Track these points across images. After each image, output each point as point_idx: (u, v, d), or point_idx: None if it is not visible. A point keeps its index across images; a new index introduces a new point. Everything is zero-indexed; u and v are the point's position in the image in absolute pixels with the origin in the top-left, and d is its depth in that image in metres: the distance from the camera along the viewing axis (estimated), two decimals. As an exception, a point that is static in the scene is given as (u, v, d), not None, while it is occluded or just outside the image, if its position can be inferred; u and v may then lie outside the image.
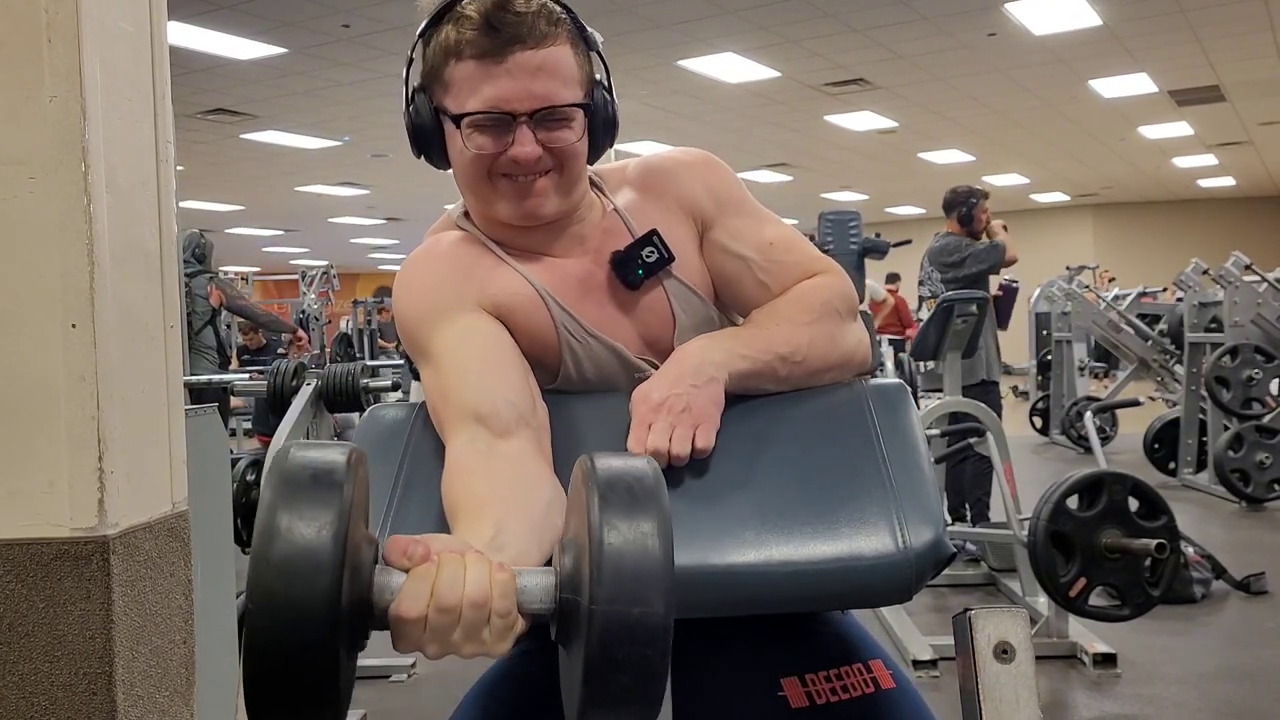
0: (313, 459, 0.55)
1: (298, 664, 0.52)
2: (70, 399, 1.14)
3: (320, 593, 0.51)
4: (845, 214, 4.82)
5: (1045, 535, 2.54)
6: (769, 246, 0.93)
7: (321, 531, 0.52)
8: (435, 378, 0.85)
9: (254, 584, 0.52)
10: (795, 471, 0.81)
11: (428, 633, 0.57)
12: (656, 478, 0.59)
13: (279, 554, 0.52)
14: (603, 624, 0.53)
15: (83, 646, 1.13)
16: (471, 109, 0.85)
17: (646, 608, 0.54)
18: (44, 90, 1.14)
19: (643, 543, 0.55)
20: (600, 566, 0.54)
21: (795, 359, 0.87)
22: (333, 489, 0.54)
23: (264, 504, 0.54)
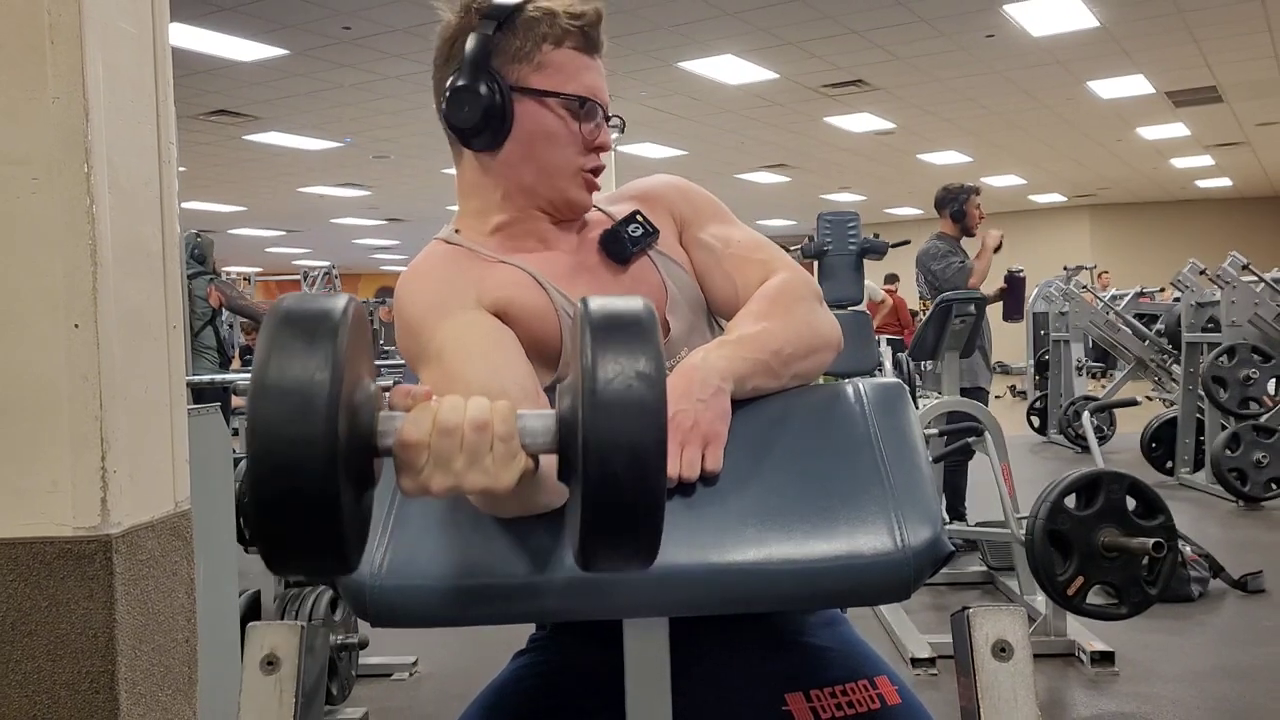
0: (307, 304, 0.56)
1: (299, 500, 0.52)
2: (73, 399, 1.14)
3: (315, 428, 0.52)
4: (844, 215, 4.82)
5: (1043, 534, 2.55)
6: (737, 244, 0.98)
7: (315, 369, 0.53)
8: (440, 369, 0.85)
9: (252, 425, 0.52)
10: (794, 471, 0.82)
11: (431, 459, 0.58)
12: (649, 315, 0.60)
13: (274, 393, 0.52)
14: (598, 456, 0.55)
15: (85, 645, 1.14)
16: (578, 92, 0.92)
17: (638, 438, 0.55)
18: (47, 91, 1.14)
19: (633, 378, 0.56)
20: (593, 401, 0.55)
21: (786, 352, 0.88)
22: (327, 329, 0.54)
23: (259, 348, 0.54)
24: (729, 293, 0.96)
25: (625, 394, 0.56)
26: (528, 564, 0.75)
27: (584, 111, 0.92)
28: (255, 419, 0.52)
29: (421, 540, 0.78)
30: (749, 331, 0.88)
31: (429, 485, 0.59)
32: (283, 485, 0.52)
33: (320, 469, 0.52)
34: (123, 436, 1.18)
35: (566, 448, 0.60)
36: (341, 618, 2.50)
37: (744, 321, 0.90)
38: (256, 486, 0.52)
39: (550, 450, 0.61)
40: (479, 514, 0.78)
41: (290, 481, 0.52)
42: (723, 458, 0.81)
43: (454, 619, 0.75)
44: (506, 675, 0.97)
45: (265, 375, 0.53)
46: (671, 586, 0.74)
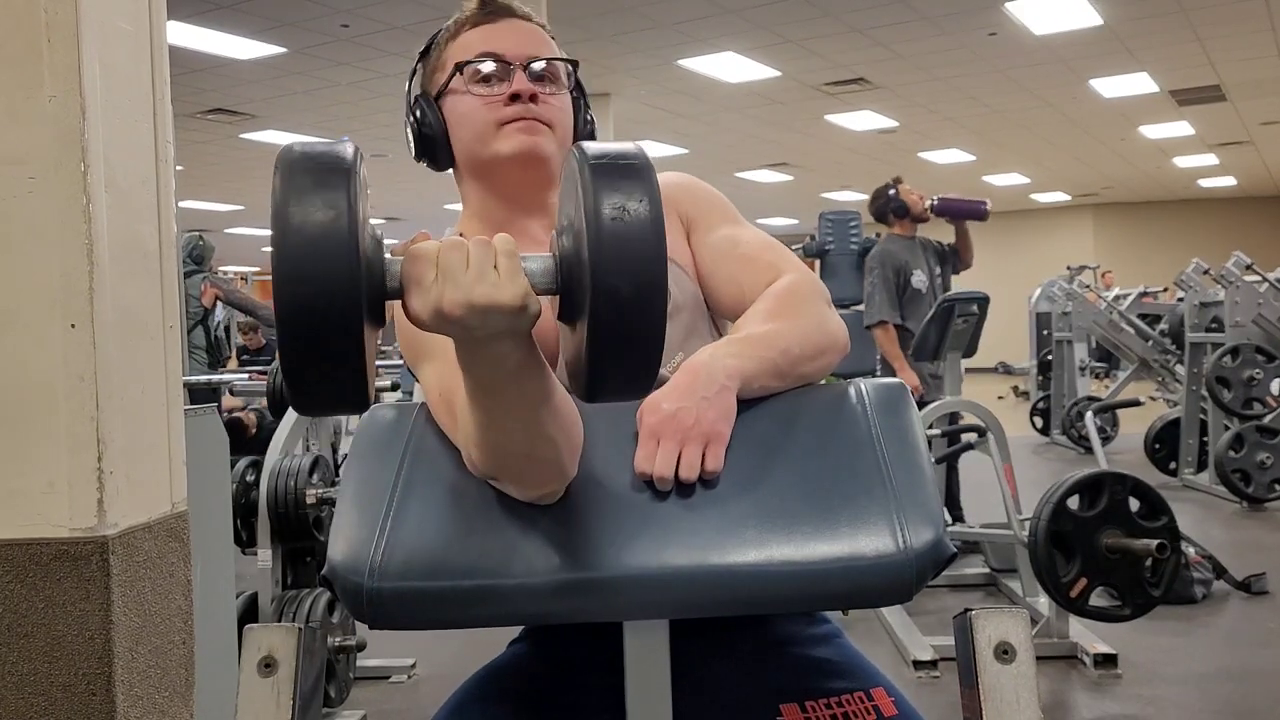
0: (318, 149, 0.59)
1: (327, 336, 0.55)
2: (69, 399, 1.14)
3: (341, 266, 0.55)
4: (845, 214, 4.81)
5: (1046, 535, 2.54)
6: (745, 244, 0.97)
7: (336, 210, 0.56)
8: (444, 360, 0.84)
9: (278, 267, 0.54)
10: (795, 471, 0.81)
11: (440, 274, 0.60)
12: (643, 158, 0.63)
13: (298, 235, 0.55)
14: (606, 285, 0.58)
15: (82, 647, 1.13)
16: (470, 56, 0.93)
17: (643, 267, 0.59)
18: (44, 90, 1.14)
19: (635, 214, 0.59)
20: (599, 238, 0.58)
21: (794, 352, 0.87)
22: (341, 171, 0.57)
23: (278, 194, 0.56)
24: (735, 294, 0.95)
25: (629, 226, 0.59)
26: (526, 566, 0.74)
27: (482, 73, 0.92)
28: (282, 261, 0.54)
29: (419, 542, 0.77)
30: (757, 331, 0.87)
31: (441, 300, 0.59)
32: (311, 322, 0.55)
33: (346, 306, 0.55)
34: (119, 437, 1.17)
35: (570, 284, 0.62)
36: (339, 620, 2.50)
37: (752, 321, 0.89)
38: (285, 326, 0.55)
39: (552, 290, 0.63)
40: (477, 515, 0.77)
41: (317, 318, 0.55)
42: (724, 458, 0.80)
43: (452, 621, 0.75)
44: (504, 659, 0.97)
45: (288, 219, 0.55)
46: (672, 588, 0.74)
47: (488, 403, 0.69)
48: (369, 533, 0.78)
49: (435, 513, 0.79)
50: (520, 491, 0.76)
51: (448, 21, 0.98)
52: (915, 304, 3.84)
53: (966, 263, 4.10)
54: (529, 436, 0.70)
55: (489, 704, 0.91)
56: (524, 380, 0.67)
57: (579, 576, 0.73)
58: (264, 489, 2.46)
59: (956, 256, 4.08)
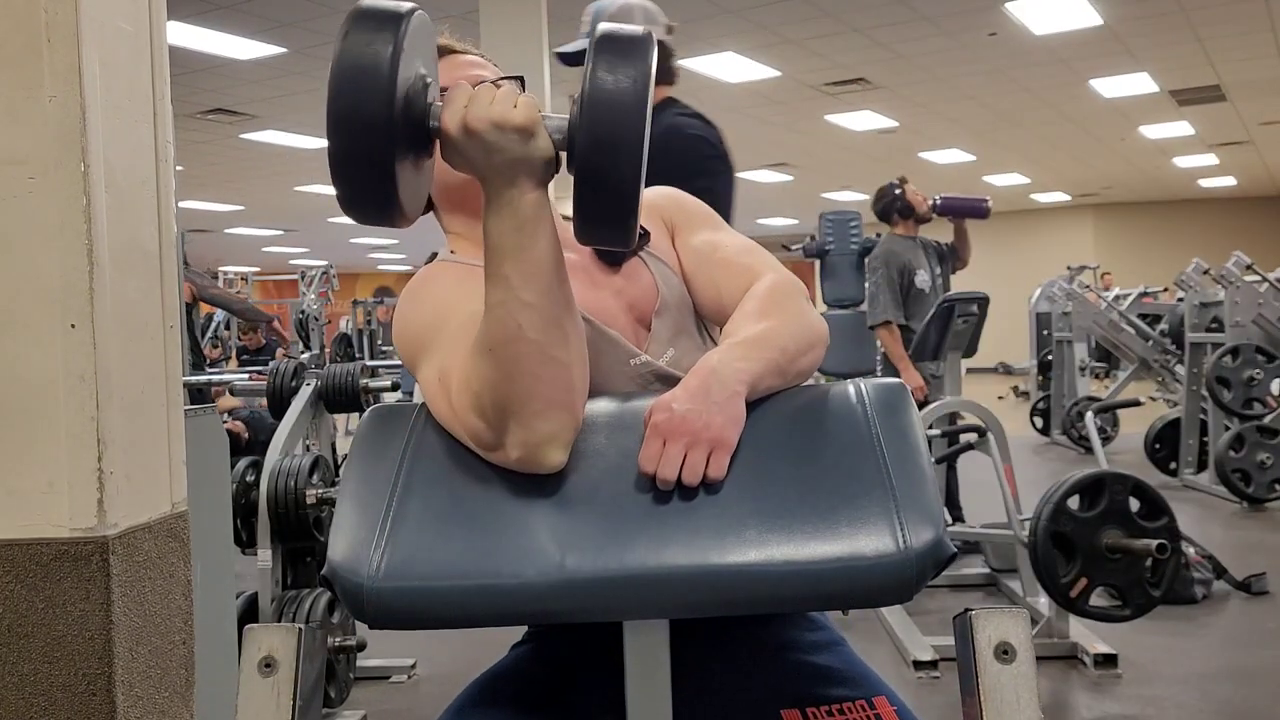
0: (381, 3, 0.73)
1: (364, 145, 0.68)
2: (69, 399, 1.13)
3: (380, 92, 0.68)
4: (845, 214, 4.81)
5: (1046, 535, 2.54)
6: (725, 248, 1.00)
7: (383, 47, 0.69)
8: (449, 350, 0.85)
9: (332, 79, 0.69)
10: (795, 471, 0.81)
11: (471, 96, 0.73)
12: (645, 40, 0.73)
13: (347, 68, 0.69)
14: (588, 137, 0.70)
15: (82, 647, 1.13)
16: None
17: (620, 126, 0.70)
18: (44, 90, 1.14)
19: (621, 81, 0.71)
20: (590, 98, 0.71)
21: (791, 349, 0.88)
22: (392, 19, 0.71)
23: (342, 30, 0.71)
24: (713, 296, 0.97)
25: (615, 91, 0.70)
26: (526, 565, 0.74)
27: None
28: (333, 87, 0.68)
29: (419, 541, 0.77)
30: (755, 332, 0.87)
31: (467, 114, 0.72)
32: (350, 135, 0.68)
33: (380, 115, 0.68)
34: (119, 437, 1.17)
35: (572, 137, 0.73)
36: (339, 620, 2.50)
37: (745, 322, 0.90)
38: (333, 130, 0.68)
39: (561, 144, 0.74)
40: (477, 515, 0.77)
41: (357, 125, 0.68)
42: (727, 465, 0.79)
43: (452, 621, 0.75)
44: (506, 662, 0.97)
45: (341, 55, 0.69)
46: (672, 588, 0.74)
47: (506, 268, 0.75)
48: (369, 533, 0.78)
49: (435, 512, 0.79)
50: (525, 433, 0.76)
51: None
52: (919, 304, 3.84)
53: (964, 261, 4.10)
54: (546, 324, 0.76)
55: (490, 708, 0.91)
56: (540, 233, 0.75)
57: (579, 576, 0.73)
58: (264, 489, 2.46)
59: (955, 255, 4.08)
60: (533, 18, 5.60)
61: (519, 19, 5.53)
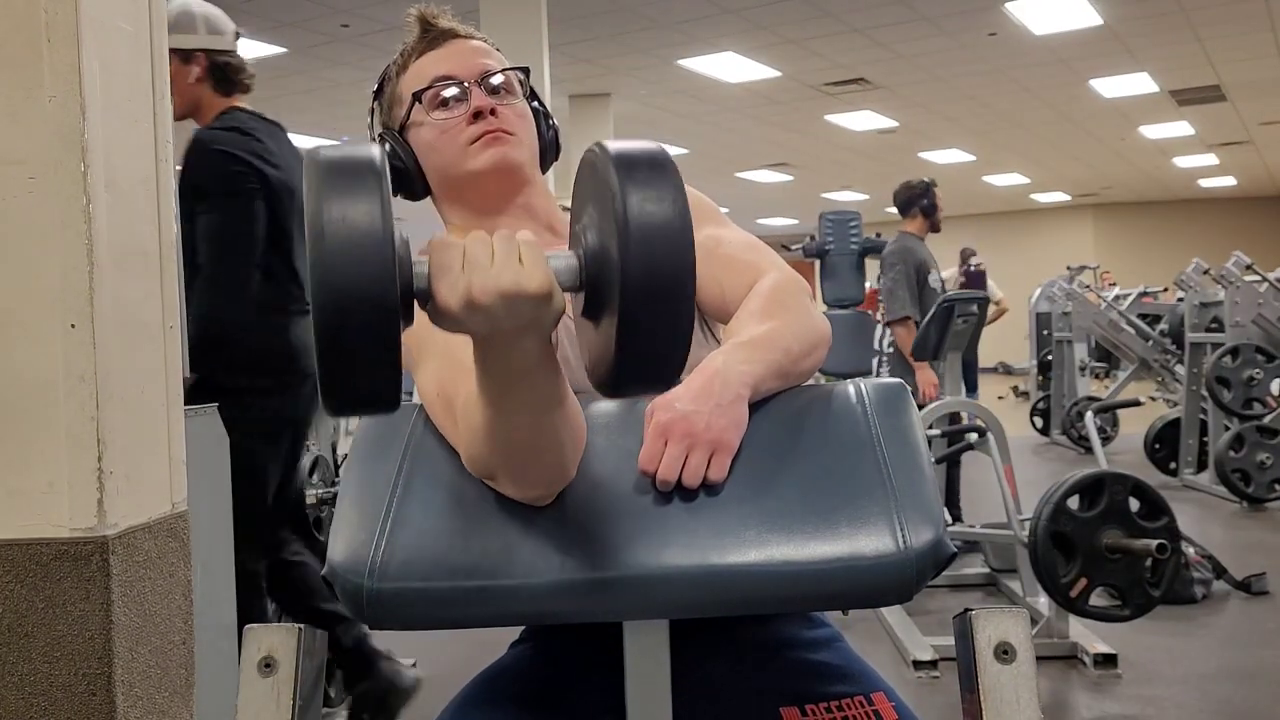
0: (346, 152, 0.60)
1: (365, 337, 0.56)
2: (69, 399, 1.13)
3: (382, 268, 0.56)
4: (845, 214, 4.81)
5: (1046, 535, 2.54)
6: (727, 244, 0.98)
7: (373, 214, 0.57)
8: (445, 359, 0.84)
9: (318, 273, 0.55)
10: (795, 472, 0.81)
11: (466, 262, 0.61)
12: (666, 154, 0.64)
13: (337, 237, 0.56)
14: (637, 282, 0.59)
15: (82, 647, 1.13)
16: (425, 84, 0.96)
17: (675, 263, 0.60)
18: (44, 90, 1.14)
19: (663, 208, 0.60)
20: (629, 232, 0.59)
21: (795, 350, 0.87)
22: (374, 173, 0.59)
23: (312, 199, 0.57)
24: (716, 294, 0.96)
25: (658, 220, 0.60)
26: (526, 566, 0.74)
27: (438, 98, 0.95)
28: (319, 264, 0.55)
29: (419, 542, 0.77)
30: (759, 332, 0.87)
31: (470, 288, 0.60)
32: (349, 323, 0.56)
33: (383, 305, 0.56)
34: (119, 437, 1.17)
35: (596, 279, 0.63)
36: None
37: (749, 322, 0.89)
38: (324, 327, 0.56)
39: (574, 287, 0.64)
40: (477, 515, 0.77)
41: (356, 319, 0.56)
42: (728, 468, 0.79)
43: (452, 621, 0.75)
44: (505, 661, 0.97)
45: (323, 223, 0.56)
46: (672, 588, 0.74)
47: (502, 401, 0.69)
48: (369, 533, 0.78)
49: (435, 513, 0.79)
50: (517, 491, 0.75)
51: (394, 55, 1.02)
52: (931, 302, 3.85)
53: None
54: (537, 435, 0.71)
55: (490, 706, 0.91)
56: (541, 379, 0.68)
57: (579, 577, 0.73)
58: (264, 489, 2.45)
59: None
60: (533, 12, 5.59)
61: (519, 12, 5.52)
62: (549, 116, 1.02)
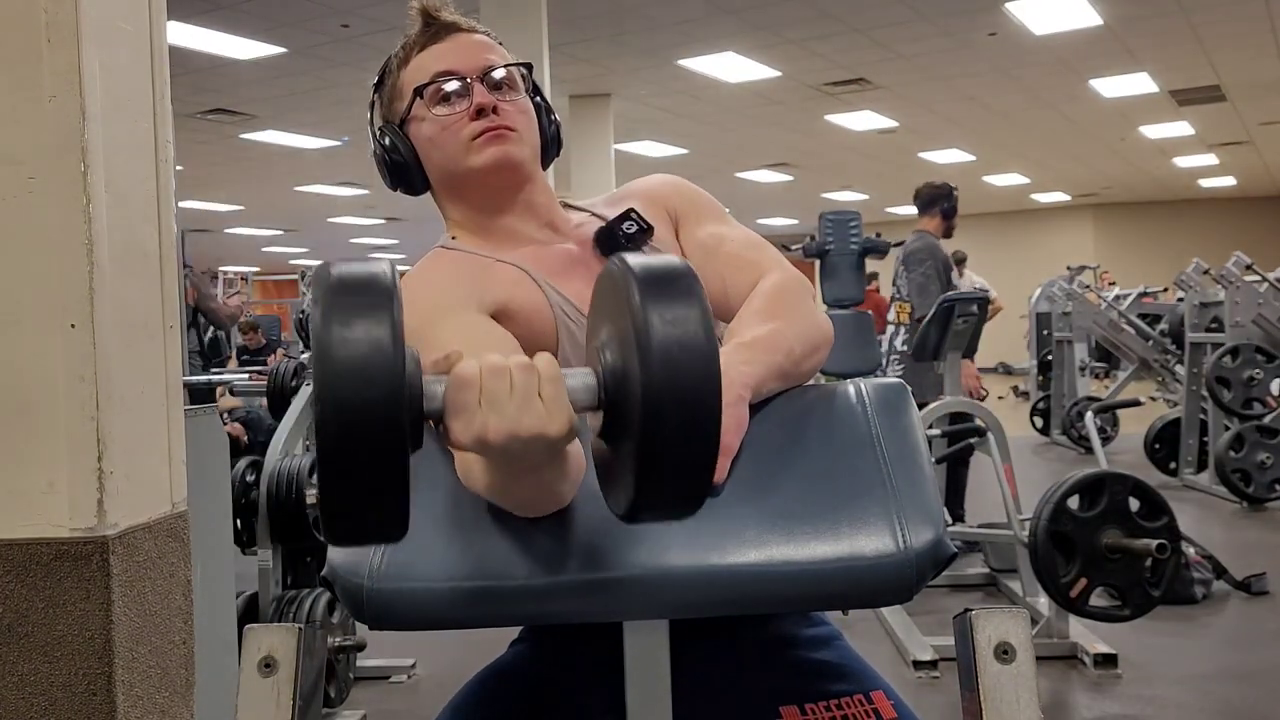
0: (357, 271, 0.57)
1: (371, 467, 0.53)
2: (69, 399, 1.13)
3: (389, 395, 0.53)
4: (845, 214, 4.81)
5: (1046, 535, 2.54)
6: (731, 242, 0.98)
7: (382, 337, 0.54)
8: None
9: (323, 394, 0.53)
10: (795, 472, 0.81)
11: (484, 401, 0.58)
12: (689, 270, 0.60)
13: (343, 364, 0.53)
14: (658, 407, 0.56)
15: (82, 646, 1.13)
16: (427, 79, 0.95)
17: (701, 386, 0.56)
18: (43, 91, 1.13)
19: (689, 329, 0.57)
20: (651, 353, 0.56)
21: (797, 352, 0.87)
22: (384, 297, 0.55)
23: (319, 319, 0.55)
24: (719, 291, 0.96)
25: (684, 342, 0.56)
26: (526, 566, 0.74)
27: (440, 93, 0.94)
28: (325, 390, 0.53)
29: (419, 542, 0.77)
30: (761, 333, 0.87)
31: (485, 430, 0.58)
32: (354, 451, 0.53)
33: (391, 436, 0.53)
34: (119, 437, 1.17)
35: (616, 400, 0.60)
36: (339, 620, 2.50)
37: (751, 322, 0.89)
38: (328, 457, 0.53)
39: (592, 407, 0.61)
40: (477, 516, 0.77)
41: (362, 449, 0.53)
42: (727, 472, 0.79)
43: (452, 621, 0.75)
44: (505, 660, 0.97)
45: (330, 346, 0.54)
46: (672, 588, 0.74)
47: (504, 485, 0.69)
48: (369, 533, 0.77)
49: (435, 514, 0.78)
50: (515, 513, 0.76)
51: (395, 48, 0.99)
52: None
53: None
54: (537, 494, 0.71)
55: (491, 705, 0.91)
56: (546, 471, 0.67)
57: (579, 577, 0.73)
58: (264, 489, 2.46)
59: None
60: (533, 12, 5.59)
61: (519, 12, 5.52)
62: (551, 111, 1.01)
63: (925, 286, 3.91)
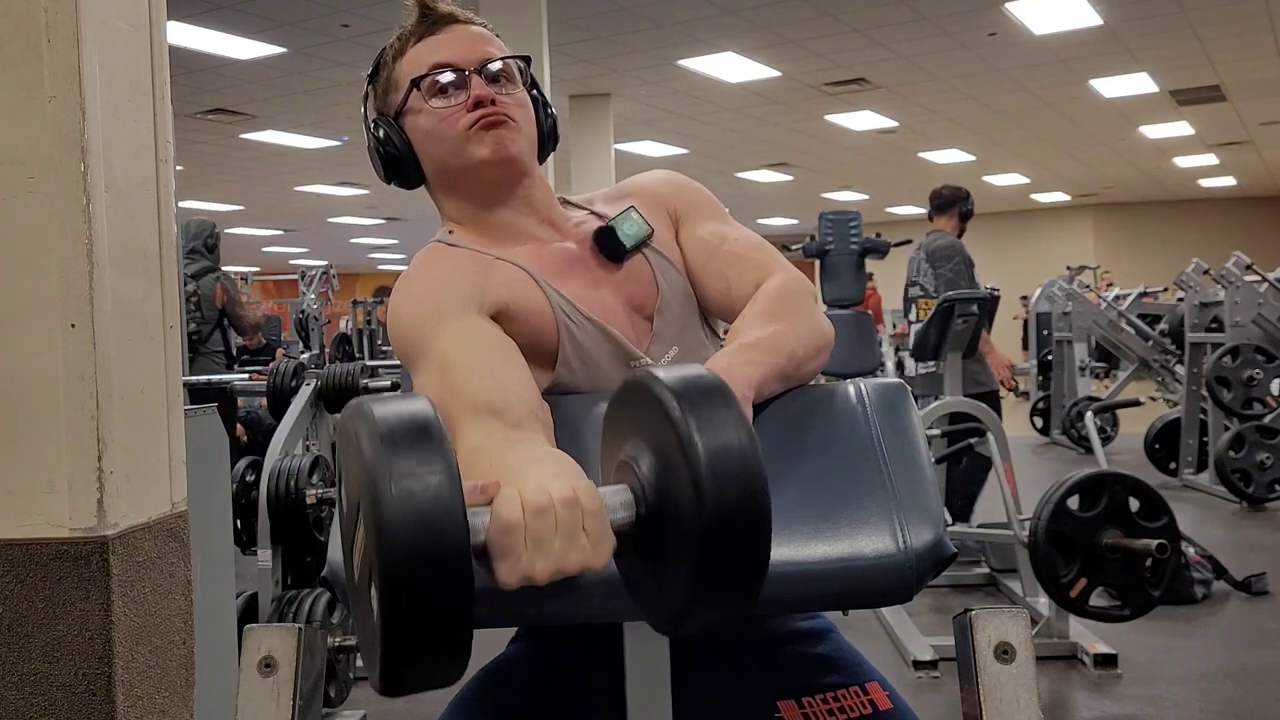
0: (403, 411, 0.55)
1: (436, 620, 0.52)
2: (69, 399, 1.13)
3: (456, 546, 0.51)
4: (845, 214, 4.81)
5: (1046, 535, 2.54)
6: (733, 241, 0.98)
7: (443, 488, 0.52)
8: (440, 376, 0.85)
9: (387, 544, 0.51)
10: (796, 472, 0.81)
11: (529, 542, 0.57)
12: (720, 380, 0.59)
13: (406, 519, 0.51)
14: (713, 521, 0.54)
15: (82, 647, 1.13)
16: (424, 71, 0.94)
17: (753, 492, 0.55)
18: (44, 90, 1.13)
19: (732, 437, 0.56)
20: (701, 466, 0.55)
21: (799, 354, 0.88)
22: (438, 444, 0.54)
23: (358, 465, 0.53)
24: (722, 290, 0.96)
25: (734, 452, 0.55)
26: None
27: (436, 85, 0.93)
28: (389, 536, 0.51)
29: (419, 542, 0.77)
30: (764, 335, 0.87)
31: (532, 571, 0.58)
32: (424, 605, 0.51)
33: (459, 590, 0.52)
34: (119, 437, 1.17)
35: (659, 515, 0.59)
36: (339, 620, 2.50)
37: (754, 323, 0.89)
38: (394, 615, 0.51)
39: (630, 524, 0.60)
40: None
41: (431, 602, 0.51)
42: None
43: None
44: (505, 658, 0.97)
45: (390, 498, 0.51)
46: (672, 589, 0.73)
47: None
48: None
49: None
50: None
51: (391, 39, 0.98)
52: None
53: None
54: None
55: (491, 703, 0.91)
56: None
57: (579, 577, 0.73)
58: (264, 489, 2.46)
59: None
60: (533, 12, 5.58)
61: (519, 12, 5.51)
62: (548, 105, 1.00)
63: (955, 283, 3.99)
